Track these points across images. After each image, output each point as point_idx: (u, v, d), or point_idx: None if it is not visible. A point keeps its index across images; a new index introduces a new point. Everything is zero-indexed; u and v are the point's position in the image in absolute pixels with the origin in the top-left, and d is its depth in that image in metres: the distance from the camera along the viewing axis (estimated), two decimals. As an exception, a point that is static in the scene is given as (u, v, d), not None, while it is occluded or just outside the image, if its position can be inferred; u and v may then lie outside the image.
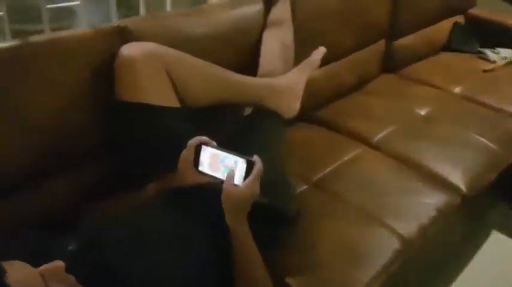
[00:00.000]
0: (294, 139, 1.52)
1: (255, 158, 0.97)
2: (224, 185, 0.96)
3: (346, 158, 1.51)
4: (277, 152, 1.26)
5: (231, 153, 0.97)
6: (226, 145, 1.11)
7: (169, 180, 1.08)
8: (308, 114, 1.71)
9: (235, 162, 0.96)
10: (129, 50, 1.11)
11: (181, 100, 1.17)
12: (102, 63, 1.12)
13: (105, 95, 1.12)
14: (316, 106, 1.77)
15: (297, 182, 1.36)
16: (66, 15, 2.57)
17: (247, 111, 1.34)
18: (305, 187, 1.37)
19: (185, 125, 1.16)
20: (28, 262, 0.76)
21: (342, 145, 1.58)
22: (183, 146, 1.02)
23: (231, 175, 0.96)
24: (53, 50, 1.08)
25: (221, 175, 0.98)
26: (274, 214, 1.09)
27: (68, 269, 0.78)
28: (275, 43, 1.43)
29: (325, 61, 1.69)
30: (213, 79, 1.22)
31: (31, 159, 1.06)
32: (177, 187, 1.07)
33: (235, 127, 1.30)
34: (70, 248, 0.91)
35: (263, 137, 1.25)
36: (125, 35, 1.18)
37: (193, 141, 1.01)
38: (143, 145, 1.14)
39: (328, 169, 1.45)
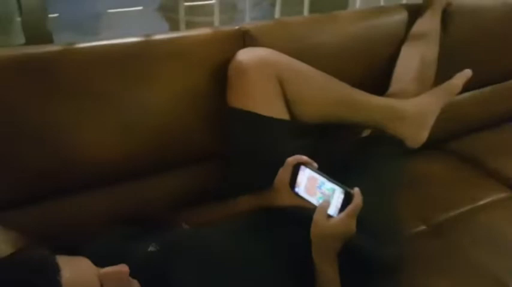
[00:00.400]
0: (420, 170, 1.34)
1: (355, 190, 0.87)
2: (315, 215, 0.88)
3: (481, 203, 1.28)
4: (390, 185, 1.11)
5: (330, 179, 0.89)
6: (334, 166, 1.01)
7: (264, 196, 1.02)
8: (444, 143, 1.50)
9: (333, 191, 0.88)
10: (244, 55, 1.06)
11: (291, 113, 1.10)
12: (220, 67, 1.09)
13: (220, 99, 1.10)
14: (457, 135, 1.53)
15: (411, 222, 1.19)
16: (229, 8, 2.68)
17: (365, 132, 1.20)
18: (420, 228, 1.19)
19: (292, 140, 1.08)
20: (108, 258, 0.78)
21: (479, 186, 1.34)
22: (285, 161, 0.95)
23: (325, 205, 0.88)
24: (172, 50, 1.08)
25: (316, 201, 0.91)
26: (369, 257, 0.95)
27: (139, 271, 0.78)
28: (413, 59, 1.26)
29: (476, 84, 1.46)
30: (329, 95, 1.11)
31: (136, 156, 1.08)
32: (269, 205, 1.01)
33: (348, 149, 1.17)
34: (150, 249, 0.91)
35: (376, 165, 1.11)
36: (246, 40, 1.13)
37: (292, 159, 0.95)
38: (246, 155, 1.09)
39: (455, 212, 1.24)
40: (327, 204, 0.88)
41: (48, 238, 0.93)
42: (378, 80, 1.28)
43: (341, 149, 1.16)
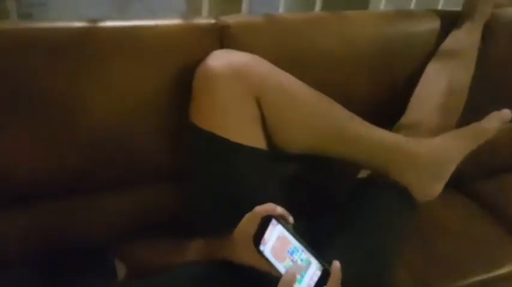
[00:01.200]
0: (431, 218, 1.08)
1: (334, 266, 0.65)
2: None
3: (503, 271, 1.02)
4: (387, 241, 0.86)
5: (306, 247, 0.68)
6: (317, 213, 0.79)
7: (220, 245, 0.80)
8: (467, 182, 1.23)
9: (308, 262, 0.67)
10: (216, 60, 0.81)
11: (269, 140, 0.85)
12: (187, 68, 0.84)
13: (183, 108, 0.86)
14: (484, 174, 1.26)
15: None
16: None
17: (363, 173, 0.95)
18: (421, 300, 0.95)
19: (267, 175, 0.85)
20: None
21: (503, 247, 1.07)
22: (255, 204, 0.73)
23: (290, 278, 0.66)
24: (127, 42, 0.83)
25: (283, 268, 0.69)
26: None
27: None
28: (439, 82, 0.99)
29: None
30: (321, 123, 0.85)
31: (72, 169, 0.86)
32: (223, 258, 0.78)
33: (337, 192, 0.92)
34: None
35: (372, 215, 0.86)
36: (224, 38, 0.89)
37: (261, 209, 0.72)
38: (208, 185, 0.86)
39: (467, 281, 0.98)
40: (292, 277, 0.66)
41: None
42: (391, 103, 1.03)
43: (328, 190, 0.92)
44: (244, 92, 0.81)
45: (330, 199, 0.91)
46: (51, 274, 0.80)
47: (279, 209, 0.71)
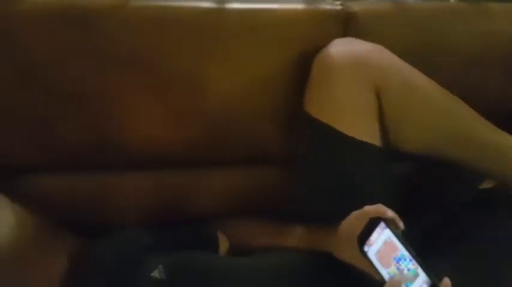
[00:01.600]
0: None
1: (444, 283, 0.60)
2: None
3: None
4: (506, 270, 0.77)
5: (415, 257, 0.64)
6: (429, 222, 0.76)
7: (321, 238, 0.78)
8: None
9: (416, 274, 0.63)
10: (337, 48, 0.78)
11: (384, 136, 0.81)
12: (307, 55, 0.83)
13: (301, 96, 0.84)
14: None
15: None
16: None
17: (487, 184, 0.85)
18: None
19: (378, 174, 0.81)
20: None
21: None
22: (364, 201, 0.70)
23: (395, 285, 0.62)
24: (251, 24, 0.83)
25: (387, 275, 0.66)
26: None
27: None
28: None
29: None
30: (447, 124, 0.79)
31: (187, 142, 0.89)
32: (323, 252, 0.77)
33: (453, 202, 0.84)
34: (154, 274, 0.73)
35: (493, 237, 0.78)
36: (349, 25, 0.85)
37: (371, 210, 0.69)
38: (316, 176, 0.84)
39: None
40: (397, 285, 0.62)
41: (72, 212, 0.85)
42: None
43: (443, 198, 0.85)
44: (363, 84, 0.78)
45: (443, 209, 0.83)
46: (160, 241, 0.84)
47: (390, 213, 0.67)
